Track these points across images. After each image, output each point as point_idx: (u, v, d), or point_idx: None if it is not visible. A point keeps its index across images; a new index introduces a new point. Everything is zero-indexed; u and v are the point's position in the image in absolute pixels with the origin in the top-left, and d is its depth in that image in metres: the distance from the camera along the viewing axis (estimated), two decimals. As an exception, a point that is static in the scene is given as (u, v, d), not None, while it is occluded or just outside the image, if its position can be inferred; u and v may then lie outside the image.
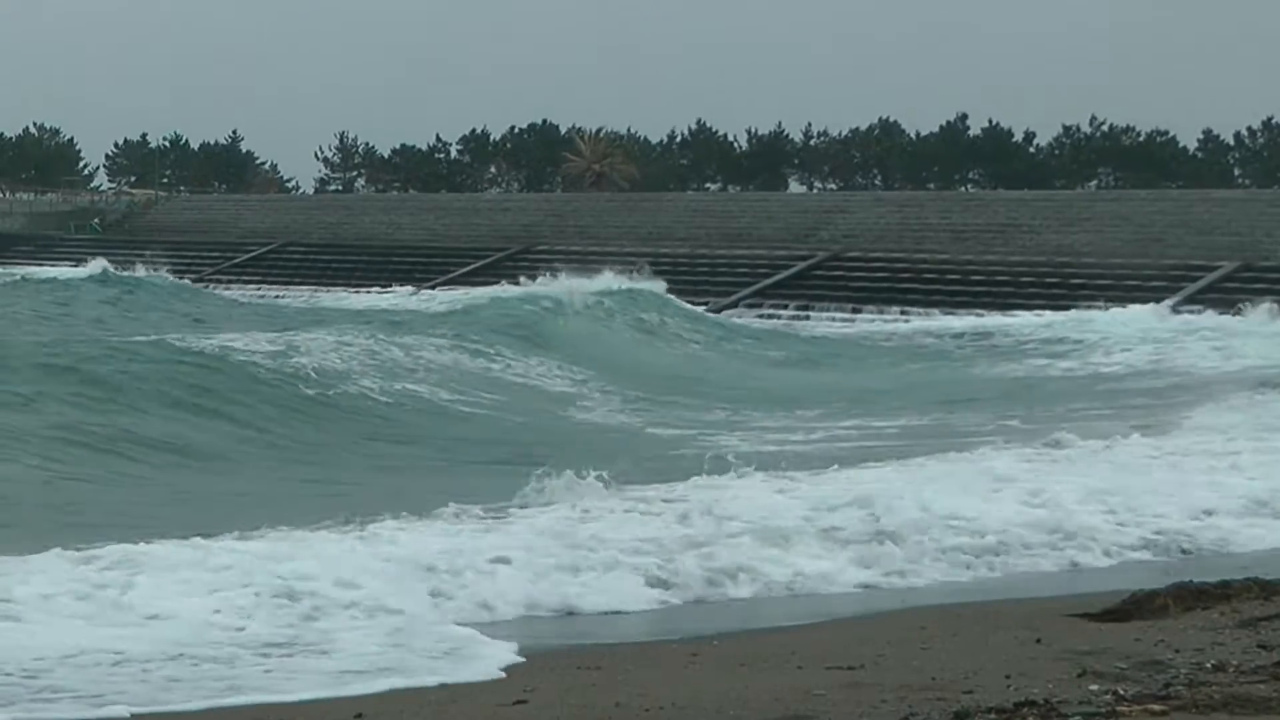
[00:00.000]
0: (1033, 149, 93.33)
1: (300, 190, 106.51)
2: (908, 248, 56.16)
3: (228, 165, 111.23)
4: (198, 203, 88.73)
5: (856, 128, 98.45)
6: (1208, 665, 8.34)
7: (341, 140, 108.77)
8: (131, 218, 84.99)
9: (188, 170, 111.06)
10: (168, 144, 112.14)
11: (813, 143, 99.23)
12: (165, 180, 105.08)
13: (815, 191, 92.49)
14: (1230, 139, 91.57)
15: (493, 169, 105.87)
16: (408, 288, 59.93)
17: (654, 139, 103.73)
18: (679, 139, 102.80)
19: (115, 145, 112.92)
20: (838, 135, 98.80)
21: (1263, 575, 10.93)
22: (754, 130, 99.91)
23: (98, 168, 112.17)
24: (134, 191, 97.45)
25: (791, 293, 52.95)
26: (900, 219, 60.03)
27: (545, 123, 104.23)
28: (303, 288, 62.80)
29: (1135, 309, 44.12)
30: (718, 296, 51.11)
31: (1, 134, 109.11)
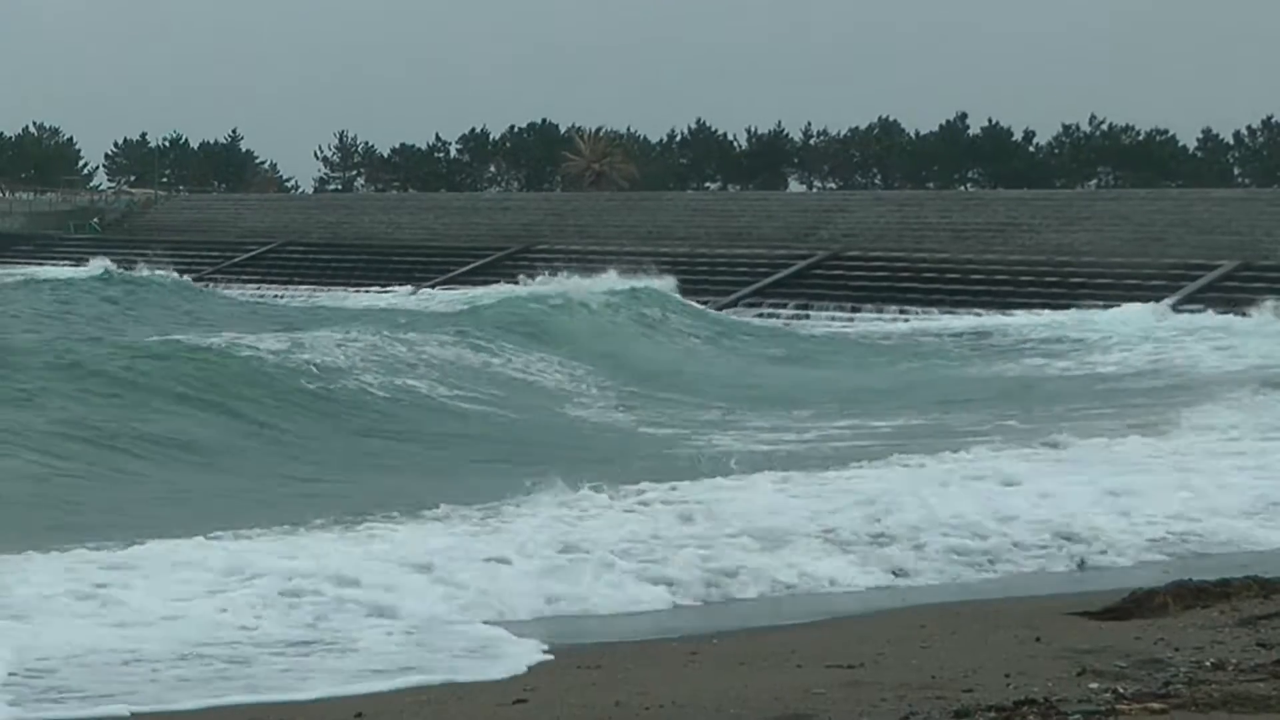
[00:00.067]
0: (1032, 148, 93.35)
1: (300, 190, 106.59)
2: (907, 247, 56.13)
3: (227, 165, 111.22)
4: (197, 202, 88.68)
5: (856, 127, 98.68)
6: (1207, 664, 8.35)
7: (341, 140, 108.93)
8: (131, 217, 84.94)
9: (187, 170, 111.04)
10: (167, 143, 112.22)
11: (812, 142, 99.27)
12: (165, 180, 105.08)
13: (815, 191, 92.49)
14: (1230, 138, 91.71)
15: (492, 168, 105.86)
16: (407, 287, 59.91)
17: (654, 138, 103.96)
18: (679, 138, 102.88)
19: (115, 145, 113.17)
20: (837, 134, 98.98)
21: (1262, 574, 10.94)
22: (754, 129, 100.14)
23: (97, 167, 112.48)
24: (133, 191, 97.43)
25: (791, 292, 52.92)
26: (900, 218, 60.01)
27: (545, 122, 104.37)
28: (302, 287, 62.76)
29: (1135, 308, 44.07)
30: (717, 295, 51.06)
31: (1, 134, 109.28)
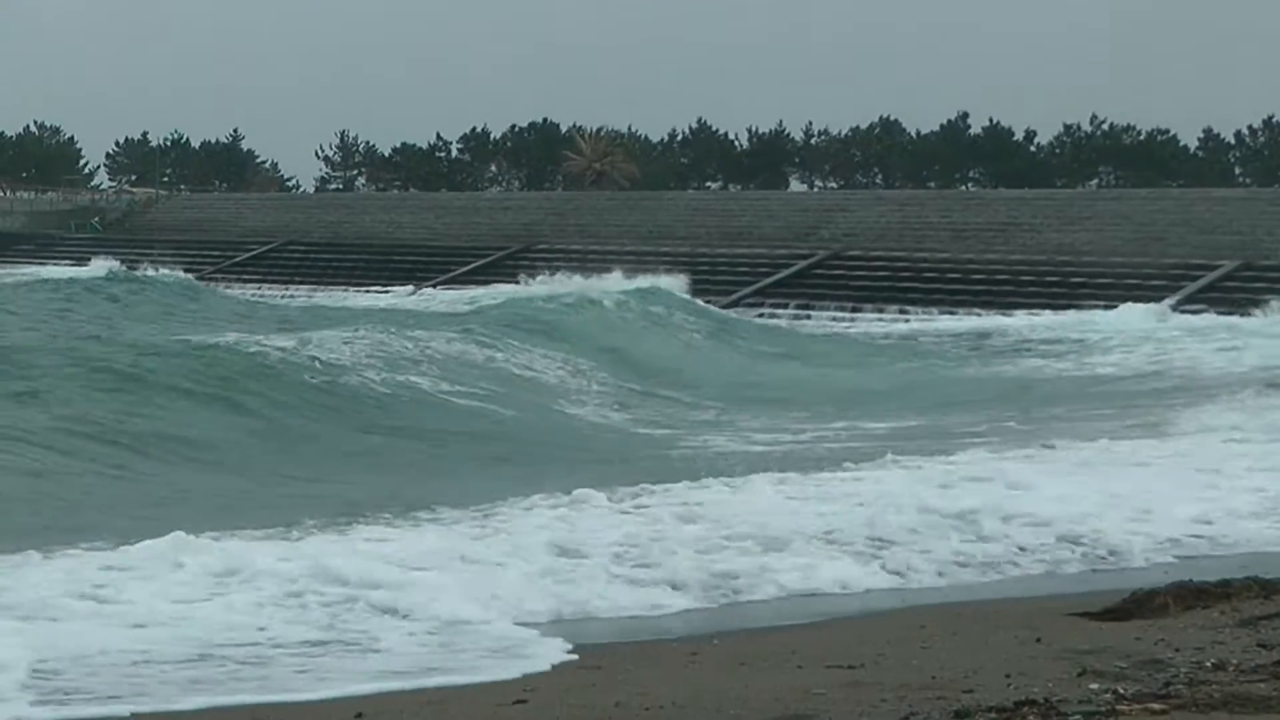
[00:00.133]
0: (1033, 148, 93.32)
1: (301, 189, 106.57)
2: (908, 246, 56.11)
3: (228, 164, 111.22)
4: (198, 201, 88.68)
5: (857, 126, 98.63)
6: (1208, 664, 8.35)
7: (342, 139, 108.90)
8: (132, 217, 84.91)
9: (188, 169, 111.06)
10: (168, 143, 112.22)
11: (813, 141, 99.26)
12: (166, 179, 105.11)
13: (816, 190, 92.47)
14: (1231, 138, 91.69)
15: (493, 168, 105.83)
16: (408, 287, 59.93)
17: (654, 138, 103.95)
18: (679, 138, 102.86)
19: (116, 144, 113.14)
20: (838, 134, 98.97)
21: (1263, 574, 10.93)
22: (754, 129, 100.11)
23: (98, 166, 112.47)
24: (134, 190, 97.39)
25: (792, 291, 52.90)
26: (901, 218, 59.98)
27: (545, 121, 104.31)
28: (303, 287, 62.75)
29: (1136, 308, 44.07)
30: (718, 295, 51.02)
31: (2, 133, 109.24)
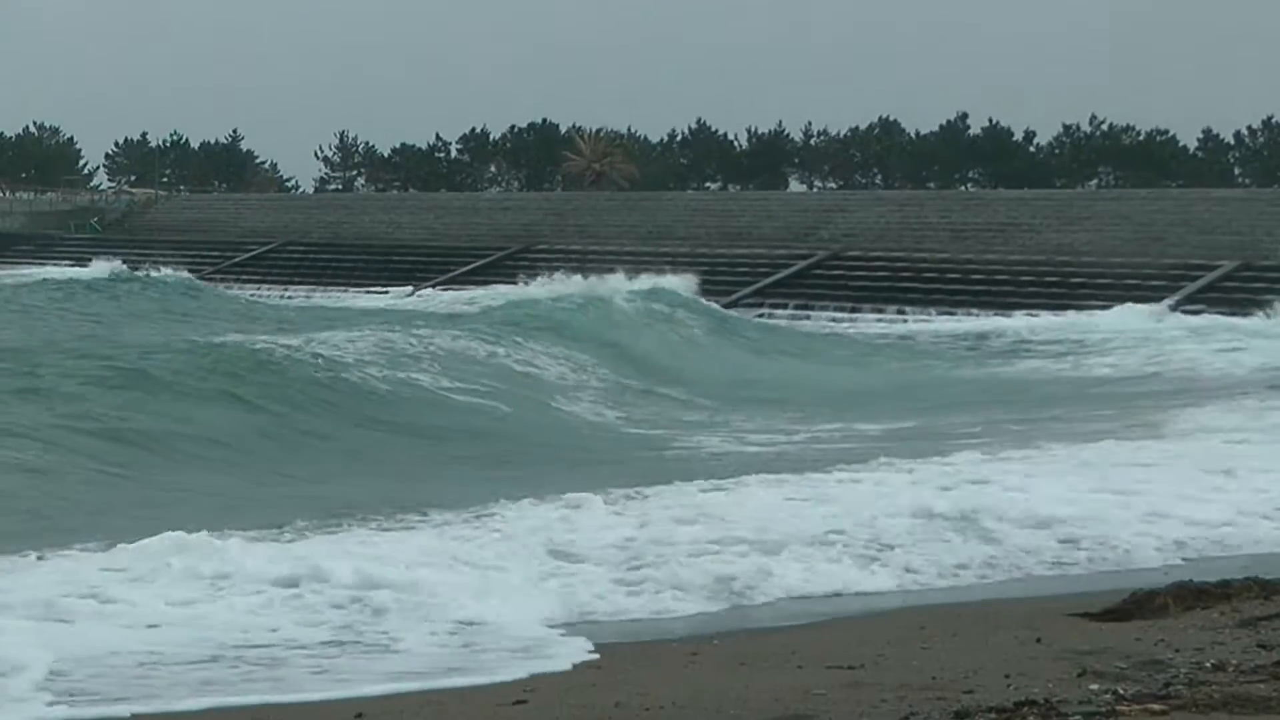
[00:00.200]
0: (1033, 148, 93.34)
1: (300, 189, 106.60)
2: (908, 247, 56.11)
3: (228, 164, 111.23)
4: (197, 202, 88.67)
5: (856, 127, 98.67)
6: (1208, 665, 8.35)
7: (341, 139, 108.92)
8: (131, 217, 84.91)
9: (188, 169, 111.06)
10: (168, 143, 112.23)
11: (813, 142, 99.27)
12: (165, 179, 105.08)
13: (815, 190, 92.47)
14: (1230, 138, 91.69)
15: (492, 168, 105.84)
16: (407, 287, 59.93)
17: (654, 138, 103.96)
18: (679, 138, 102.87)
19: (115, 144, 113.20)
20: (838, 134, 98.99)
21: (1263, 575, 10.93)
22: (754, 129, 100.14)
23: (98, 167, 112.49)
24: (134, 191, 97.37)
25: (791, 292, 52.91)
26: (900, 218, 59.99)
27: (545, 122, 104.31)
28: (302, 287, 62.77)
29: (1135, 308, 44.08)
30: (718, 296, 50.96)
31: (1, 133, 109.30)
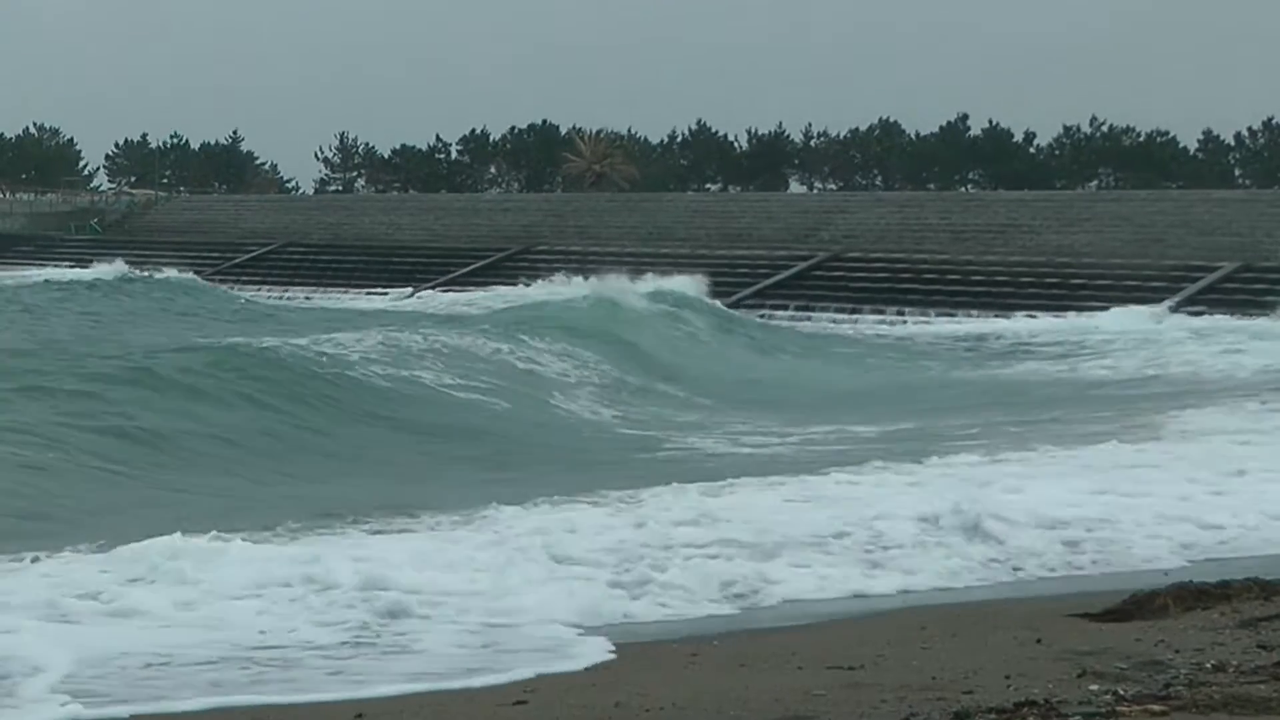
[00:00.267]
0: (1033, 149, 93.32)
1: (300, 190, 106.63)
2: (908, 248, 56.11)
3: (228, 165, 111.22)
4: (198, 203, 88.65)
5: (856, 128, 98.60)
6: (1208, 665, 8.34)
7: (341, 140, 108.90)
8: (131, 218, 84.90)
9: (188, 170, 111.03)
10: (168, 144, 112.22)
11: (813, 143, 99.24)
12: (165, 180, 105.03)
13: (815, 192, 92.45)
14: (1230, 139, 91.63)
15: (493, 169, 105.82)
16: (407, 289, 59.92)
17: (654, 139, 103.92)
18: (679, 139, 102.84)
19: (115, 145, 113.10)
20: (838, 135, 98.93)
21: (1263, 575, 10.93)
22: (754, 130, 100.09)
23: (98, 168, 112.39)
24: (134, 192, 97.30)
25: (791, 293, 52.91)
26: (900, 219, 59.98)
27: (545, 123, 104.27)
28: (302, 288, 62.76)
29: (1135, 310, 44.06)
30: (719, 297, 50.91)
31: (1, 134, 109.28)
